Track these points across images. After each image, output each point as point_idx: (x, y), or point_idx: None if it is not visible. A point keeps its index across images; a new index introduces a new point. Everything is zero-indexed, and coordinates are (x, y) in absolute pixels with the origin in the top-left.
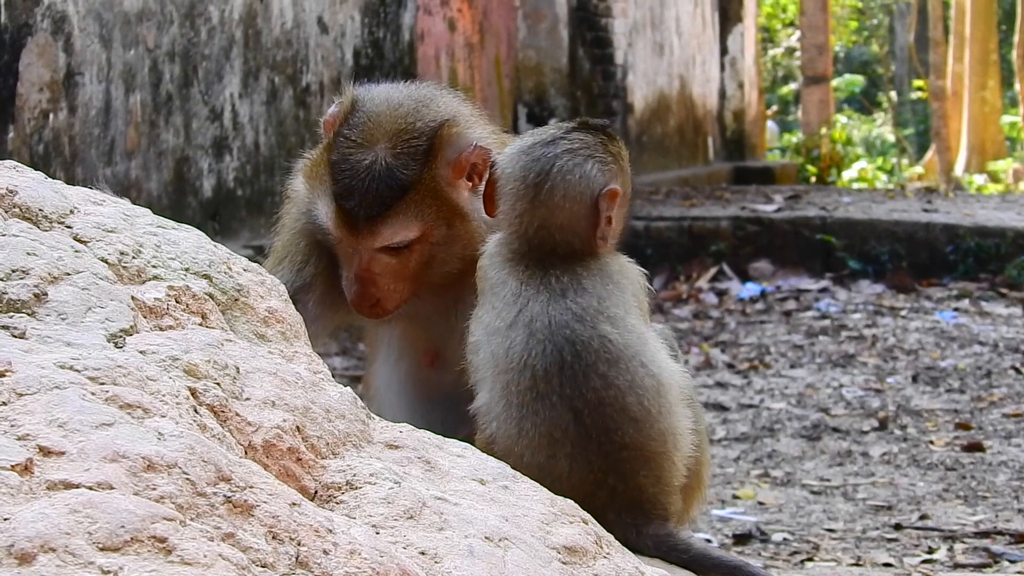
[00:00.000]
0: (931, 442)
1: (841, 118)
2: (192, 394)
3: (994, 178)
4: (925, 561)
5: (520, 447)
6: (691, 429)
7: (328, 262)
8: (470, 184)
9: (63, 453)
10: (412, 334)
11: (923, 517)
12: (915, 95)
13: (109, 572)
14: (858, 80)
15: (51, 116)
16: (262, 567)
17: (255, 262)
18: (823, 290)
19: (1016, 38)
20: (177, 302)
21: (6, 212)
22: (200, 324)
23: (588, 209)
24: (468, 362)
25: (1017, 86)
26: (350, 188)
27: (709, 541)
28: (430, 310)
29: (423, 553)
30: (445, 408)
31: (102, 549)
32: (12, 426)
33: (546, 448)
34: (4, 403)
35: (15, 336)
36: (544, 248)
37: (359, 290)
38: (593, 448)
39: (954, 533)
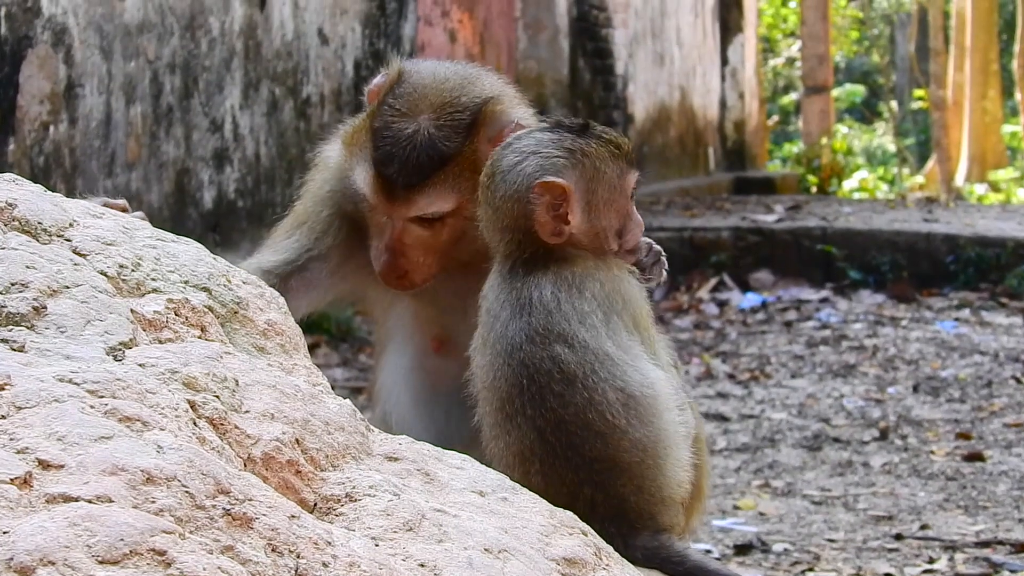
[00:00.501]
0: (932, 452)
1: (842, 128)
2: (191, 407)
3: (995, 188)
4: (926, 571)
5: (501, 465)
6: (684, 435)
7: (348, 233)
8: None
9: (62, 466)
10: (421, 318)
11: (924, 527)
12: (916, 105)
13: None
14: (859, 90)
15: (51, 128)
16: None
17: (255, 274)
18: (824, 300)
19: (1017, 48)
20: (176, 315)
21: (5, 225)
22: (199, 337)
23: (524, 206)
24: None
25: (1018, 96)
26: (390, 155)
27: (709, 551)
28: (442, 292)
29: (422, 565)
30: (449, 398)
31: (101, 562)
32: (11, 439)
33: (520, 465)
34: (3, 416)
35: (14, 349)
36: (507, 253)
37: (388, 261)
38: (561, 463)
39: (955, 543)
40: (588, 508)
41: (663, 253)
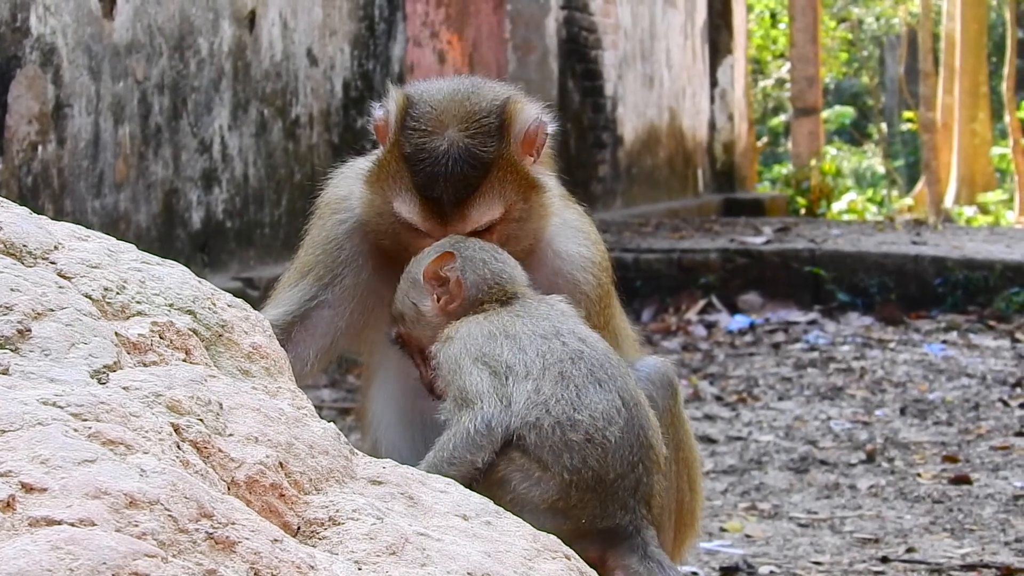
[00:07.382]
0: (918, 475)
1: (831, 150)
2: (175, 430)
3: (984, 210)
4: None
5: (582, 414)
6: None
7: (372, 270)
8: (532, 159)
9: (45, 489)
10: None
11: (910, 550)
12: (905, 127)
13: None
14: (848, 112)
15: (40, 148)
16: None
17: (244, 295)
18: (812, 322)
19: (1006, 70)
20: (161, 338)
21: None
22: (184, 360)
23: None
24: (487, 373)
25: (1007, 118)
26: (433, 176)
27: (695, 574)
28: None
29: None
30: (439, 425)
31: None
32: None
33: (602, 418)
34: None
35: None
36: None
37: None
38: (633, 435)
39: (941, 566)
40: (635, 485)
41: None
